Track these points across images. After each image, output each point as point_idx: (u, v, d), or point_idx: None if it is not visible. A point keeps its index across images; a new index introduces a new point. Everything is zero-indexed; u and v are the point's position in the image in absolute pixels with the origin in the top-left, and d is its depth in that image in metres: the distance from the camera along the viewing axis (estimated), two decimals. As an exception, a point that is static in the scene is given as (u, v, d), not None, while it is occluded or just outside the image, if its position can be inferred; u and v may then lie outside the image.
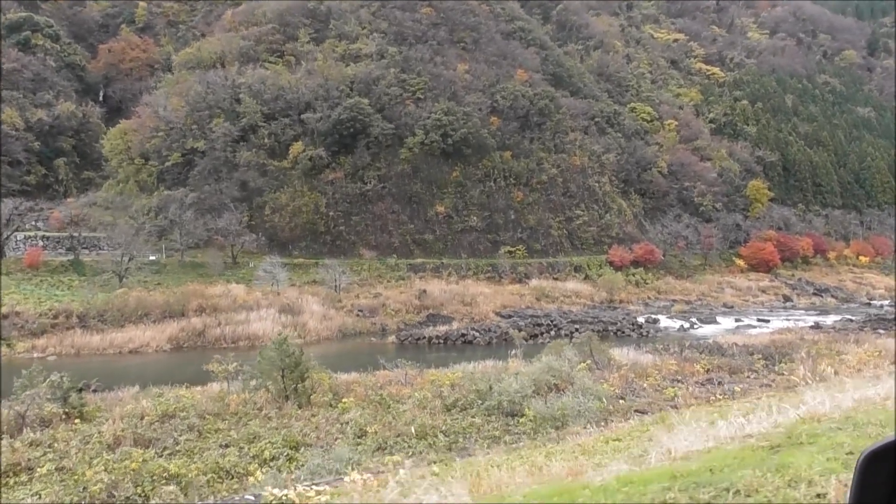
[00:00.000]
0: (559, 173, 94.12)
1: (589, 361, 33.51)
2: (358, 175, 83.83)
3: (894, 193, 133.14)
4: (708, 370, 35.51)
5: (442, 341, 56.49)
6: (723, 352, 42.53)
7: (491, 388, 26.40)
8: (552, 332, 60.66)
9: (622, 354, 39.72)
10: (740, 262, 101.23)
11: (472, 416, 24.75)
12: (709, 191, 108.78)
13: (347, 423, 23.62)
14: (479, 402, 26.09)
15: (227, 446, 20.90)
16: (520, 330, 60.41)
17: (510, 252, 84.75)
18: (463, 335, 57.29)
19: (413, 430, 22.78)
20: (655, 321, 70.10)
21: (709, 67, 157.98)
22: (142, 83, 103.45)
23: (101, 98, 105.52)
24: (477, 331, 58.44)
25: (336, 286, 67.10)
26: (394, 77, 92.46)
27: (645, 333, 62.92)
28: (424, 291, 69.77)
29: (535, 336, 57.85)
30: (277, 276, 65.22)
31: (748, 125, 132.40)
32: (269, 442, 21.29)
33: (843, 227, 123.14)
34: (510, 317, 67.45)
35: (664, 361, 37.25)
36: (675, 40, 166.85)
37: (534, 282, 79.94)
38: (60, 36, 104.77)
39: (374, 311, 65.06)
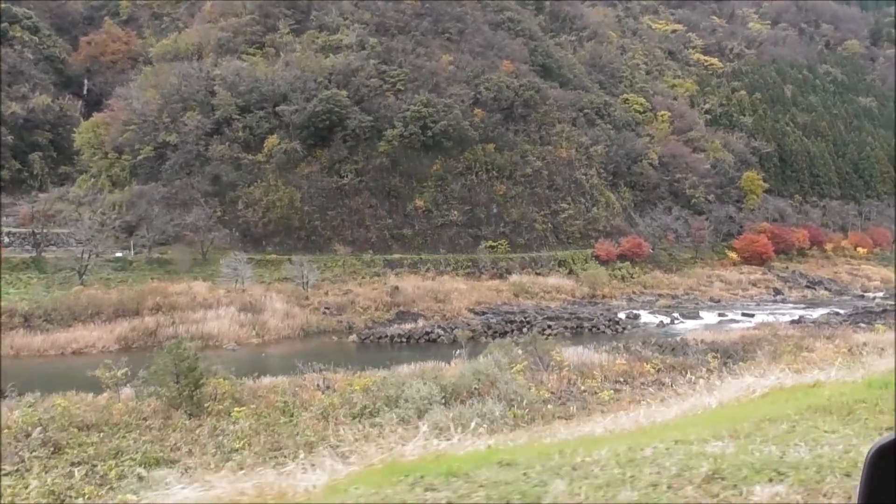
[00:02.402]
0: (544, 166, 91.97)
1: (526, 362, 31.49)
2: (334, 169, 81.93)
3: (894, 183, 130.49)
4: (659, 370, 33.61)
5: (405, 340, 54.64)
6: (686, 350, 40.69)
7: (401, 394, 24.54)
8: (524, 330, 58.72)
9: (575, 353, 37.80)
10: (733, 255, 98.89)
11: (371, 426, 22.85)
12: (701, 182, 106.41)
13: (231, 434, 21.75)
14: (387, 408, 24.27)
15: (78, 464, 19.02)
16: (489, 326, 58.77)
17: (492, 247, 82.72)
18: (427, 333, 55.43)
19: (297, 442, 20.94)
20: (636, 317, 68.15)
21: (707, 58, 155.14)
22: (124, 76, 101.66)
23: (84, 91, 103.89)
24: (443, 328, 56.59)
25: (304, 283, 65.22)
26: (373, 68, 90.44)
27: (621, 330, 60.97)
28: (396, 288, 67.84)
29: (505, 334, 55.73)
30: (242, 273, 63.40)
31: (744, 116, 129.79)
32: (131, 458, 19.43)
33: (841, 218, 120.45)
34: (484, 314, 65.60)
35: (614, 361, 35.32)
36: (674, 31, 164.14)
37: (514, 277, 77.92)
38: (40, 28, 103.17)
39: (343, 308, 63.21)
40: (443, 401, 24.76)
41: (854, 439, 9.10)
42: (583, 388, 29.59)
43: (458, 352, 37.21)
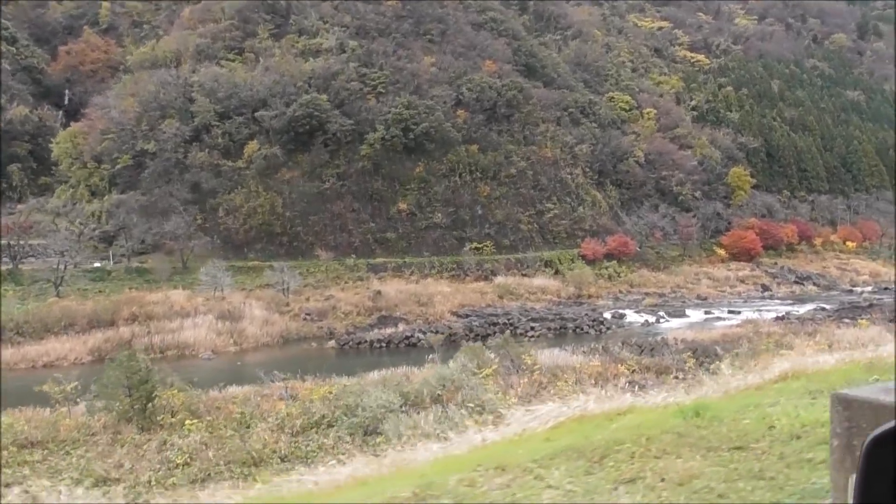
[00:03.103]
0: (529, 166, 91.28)
1: (495, 366, 30.76)
2: (315, 173, 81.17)
3: (887, 176, 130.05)
4: (633, 371, 32.90)
5: (385, 345, 53.91)
6: (665, 350, 40.08)
7: (360, 402, 23.80)
8: (507, 332, 58.01)
9: (552, 355, 37.09)
10: (721, 252, 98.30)
11: (326, 437, 22.18)
12: (688, 179, 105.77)
13: (180, 449, 21.00)
14: (345, 417, 23.56)
15: (10, 485, 18.24)
16: (470, 329, 58.07)
17: (477, 249, 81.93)
18: (407, 338, 54.69)
19: (247, 456, 20.24)
20: (622, 316, 67.46)
21: (693, 55, 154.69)
22: (104, 85, 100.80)
23: (65, 101, 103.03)
24: (423, 332, 55.79)
25: (284, 289, 64.47)
26: (354, 72, 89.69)
27: (606, 330, 60.35)
28: (379, 292, 67.13)
29: (487, 336, 55.03)
30: (221, 281, 62.59)
31: (731, 112, 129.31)
32: (70, 477, 18.69)
33: (830, 213, 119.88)
34: (467, 316, 64.81)
35: (589, 362, 34.61)
36: (660, 28, 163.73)
37: (499, 279, 77.19)
38: (17, 38, 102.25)
39: (324, 314, 62.48)
40: (403, 408, 24.10)
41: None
42: (552, 391, 28.88)
43: (430, 356, 36.49)
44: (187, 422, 23.08)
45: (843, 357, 18.73)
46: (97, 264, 68.67)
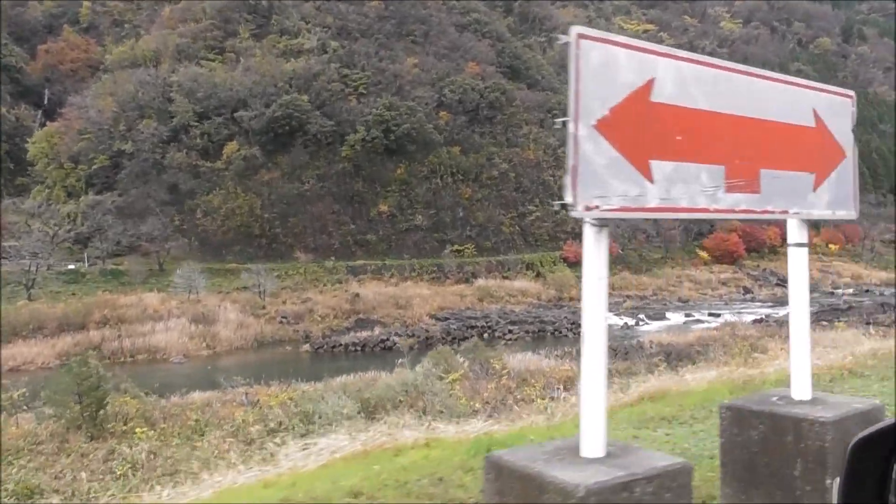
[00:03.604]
0: (511, 168, 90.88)
1: (463, 371, 30.22)
2: (295, 175, 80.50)
3: (870, 178, 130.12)
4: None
5: (360, 348, 53.33)
6: (639, 353, 39.65)
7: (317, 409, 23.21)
8: (484, 335, 57.68)
9: (524, 359, 36.56)
10: (704, 255, 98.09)
11: (280, 445, 21.54)
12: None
13: (124, 458, 20.35)
14: (301, 425, 22.95)
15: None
16: (447, 332, 57.58)
17: (458, 251, 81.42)
18: (383, 341, 54.09)
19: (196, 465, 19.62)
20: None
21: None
22: (84, 84, 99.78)
23: (45, 101, 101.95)
24: (399, 335, 55.20)
25: (260, 292, 63.77)
26: (335, 72, 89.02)
27: (585, 333, 59.86)
28: (357, 295, 66.54)
29: (464, 339, 54.46)
30: (195, 283, 61.82)
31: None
32: (6, 489, 18.00)
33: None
34: (446, 319, 64.27)
35: (560, 367, 34.11)
36: (646, 31, 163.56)
37: (479, 281, 76.65)
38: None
39: (300, 317, 61.85)
40: (361, 415, 23.52)
41: None
42: (519, 396, 28.37)
43: (400, 360, 35.91)
44: (138, 430, 22.44)
45: (727, 373, 17.28)
46: (71, 266, 67.78)
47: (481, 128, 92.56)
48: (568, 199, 3.24)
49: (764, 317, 62.14)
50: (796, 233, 4.57)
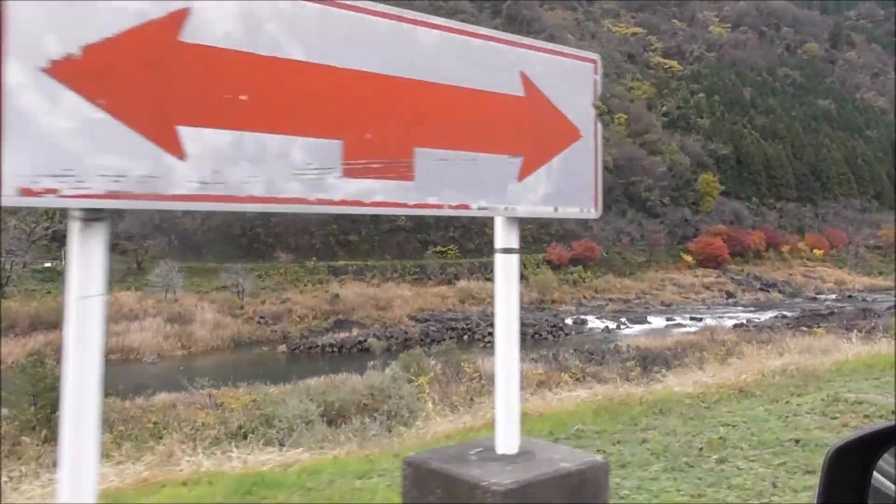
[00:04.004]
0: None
1: (432, 374, 29.86)
2: (278, 173, 79.94)
3: (856, 184, 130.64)
4: (577, 379, 32.09)
5: (337, 350, 52.80)
6: (618, 356, 39.48)
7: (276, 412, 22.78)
8: (464, 337, 57.47)
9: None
10: (688, 258, 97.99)
11: (240, 448, 21.06)
12: (657, 185, 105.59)
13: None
14: (261, 428, 22.52)
15: None
16: (426, 334, 57.15)
17: (441, 252, 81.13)
18: (360, 343, 53.60)
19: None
20: (583, 322, 66.86)
21: (667, 61, 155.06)
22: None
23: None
24: (377, 337, 54.80)
25: (239, 291, 63.23)
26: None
27: (565, 336, 59.63)
28: (337, 296, 66.12)
29: (442, 341, 54.18)
30: (173, 282, 61.21)
31: (702, 118, 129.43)
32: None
33: (798, 220, 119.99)
34: (426, 321, 63.85)
35: (533, 370, 33.81)
36: (634, 34, 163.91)
37: (462, 283, 76.41)
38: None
39: (279, 317, 61.35)
40: (323, 419, 23.12)
41: None
42: (479, 400, 28.00)
43: (371, 363, 35.53)
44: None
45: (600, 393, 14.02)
46: (48, 264, 67.02)
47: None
48: None
49: (745, 321, 62.04)
50: (502, 235, 3.39)
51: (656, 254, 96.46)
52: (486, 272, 79.81)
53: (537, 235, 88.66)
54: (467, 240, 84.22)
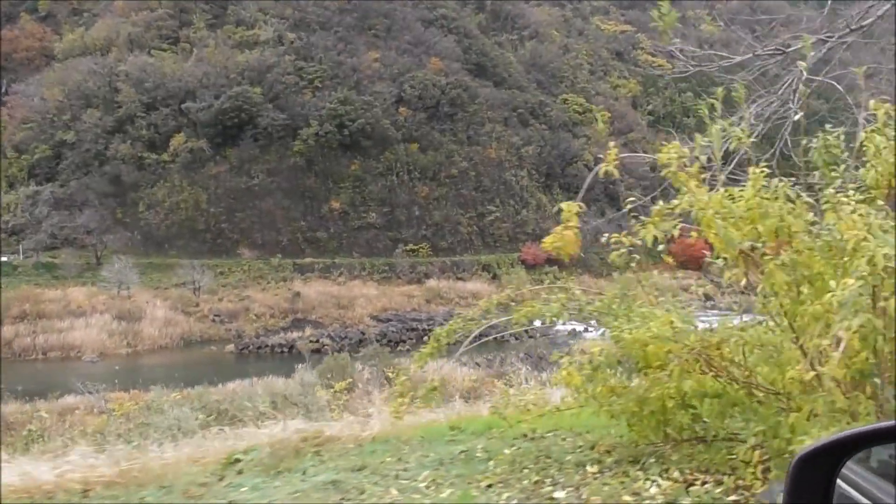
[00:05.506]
0: (471, 166, 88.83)
1: (350, 380, 28.15)
2: (244, 169, 78.34)
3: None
4: (511, 385, 30.43)
5: (288, 350, 51.16)
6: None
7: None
8: (424, 338, 55.42)
9: (436, 367, 34.50)
10: (669, 259, 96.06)
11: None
12: (639, 184, 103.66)
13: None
14: (140, 436, 20.86)
15: None
16: (384, 335, 55.46)
17: (412, 251, 79.42)
18: (312, 342, 51.86)
19: None
20: (552, 324, 65.03)
21: (655, 59, 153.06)
22: (37, 74, 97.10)
23: (3, 91, 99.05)
24: (331, 337, 53.22)
25: (196, 288, 61.49)
26: (291, 64, 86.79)
27: (529, 338, 57.73)
28: (298, 294, 64.47)
29: (400, 342, 52.58)
30: (127, 278, 59.44)
31: (688, 117, 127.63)
32: None
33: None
34: (388, 321, 62.34)
35: (471, 375, 32.21)
36: (622, 32, 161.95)
37: (431, 282, 74.69)
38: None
39: (235, 315, 59.79)
40: (210, 426, 21.43)
41: None
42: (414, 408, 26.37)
43: (300, 365, 33.82)
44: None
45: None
46: (4, 259, 65.33)
47: (441, 125, 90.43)
48: None
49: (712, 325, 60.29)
50: None
51: (638, 254, 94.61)
52: (458, 271, 78.28)
53: (513, 234, 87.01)
54: (440, 238, 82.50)
